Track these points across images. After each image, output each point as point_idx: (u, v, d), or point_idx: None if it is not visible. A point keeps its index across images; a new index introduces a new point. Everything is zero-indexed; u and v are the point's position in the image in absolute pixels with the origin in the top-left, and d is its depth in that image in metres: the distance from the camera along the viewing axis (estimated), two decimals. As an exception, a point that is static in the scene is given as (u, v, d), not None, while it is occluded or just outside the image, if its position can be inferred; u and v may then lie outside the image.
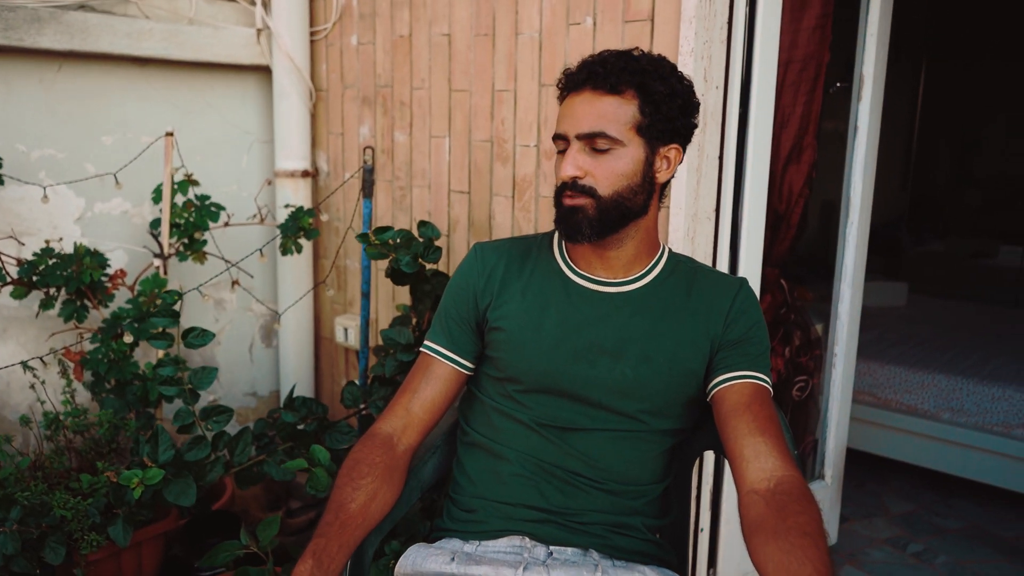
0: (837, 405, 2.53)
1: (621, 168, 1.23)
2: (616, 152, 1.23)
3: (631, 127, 1.22)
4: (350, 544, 1.20)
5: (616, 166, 1.23)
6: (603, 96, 1.22)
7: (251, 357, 2.86)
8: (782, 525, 1.05)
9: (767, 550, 1.03)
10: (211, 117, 2.64)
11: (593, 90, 1.23)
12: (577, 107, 1.24)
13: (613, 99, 1.22)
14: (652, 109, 1.22)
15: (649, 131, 1.23)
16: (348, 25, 2.59)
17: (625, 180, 1.24)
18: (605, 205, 1.24)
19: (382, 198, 2.57)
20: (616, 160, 1.23)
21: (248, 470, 1.87)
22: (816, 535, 1.04)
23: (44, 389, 2.19)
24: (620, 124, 1.22)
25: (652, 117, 1.23)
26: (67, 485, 1.83)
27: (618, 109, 1.22)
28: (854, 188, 2.40)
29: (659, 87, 1.22)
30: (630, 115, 1.22)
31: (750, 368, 1.28)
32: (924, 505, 3.03)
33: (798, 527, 1.04)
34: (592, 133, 1.22)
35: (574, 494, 1.30)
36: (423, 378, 1.38)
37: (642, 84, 1.22)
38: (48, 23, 2.21)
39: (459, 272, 1.42)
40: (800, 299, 2.54)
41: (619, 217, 1.26)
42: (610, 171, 1.23)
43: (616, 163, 1.23)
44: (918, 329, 3.80)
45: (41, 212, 2.32)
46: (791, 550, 1.01)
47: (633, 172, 1.24)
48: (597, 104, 1.22)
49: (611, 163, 1.23)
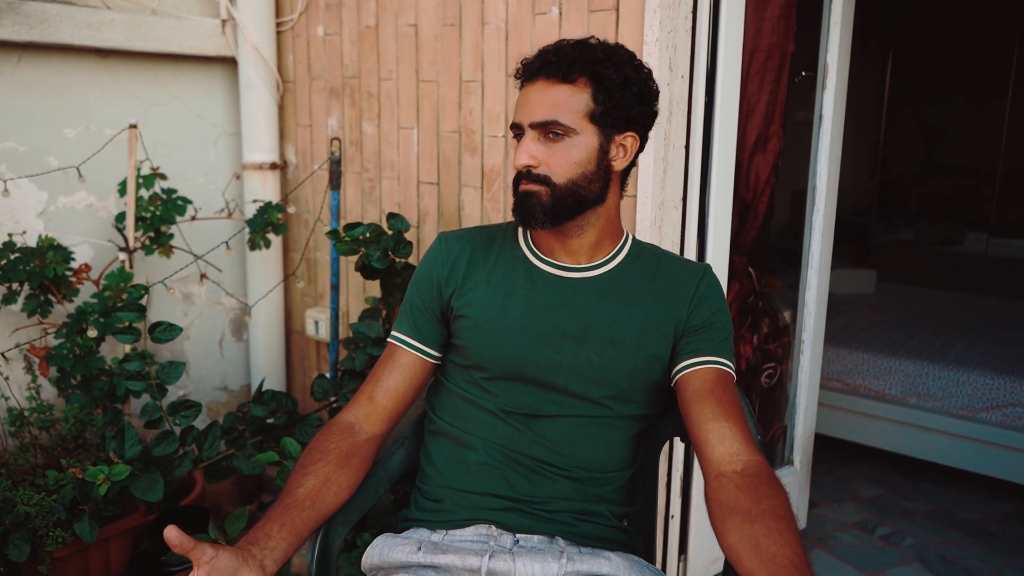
0: (805, 391, 2.56)
1: (575, 156, 1.24)
2: (569, 140, 1.23)
3: (584, 115, 1.23)
4: (296, 526, 1.17)
5: (570, 154, 1.24)
6: (556, 85, 1.23)
7: (221, 351, 2.84)
8: (756, 508, 1.06)
9: (742, 532, 1.04)
10: (177, 109, 2.61)
11: (547, 79, 1.24)
12: (532, 96, 1.25)
13: (566, 88, 1.22)
14: (605, 97, 1.23)
15: (603, 119, 1.24)
16: (315, 15, 2.57)
17: (579, 168, 1.25)
18: (559, 192, 1.25)
19: (351, 190, 2.56)
20: (569, 148, 1.24)
21: (217, 464, 1.87)
22: (789, 519, 1.06)
23: (8, 385, 2.16)
24: (573, 112, 1.22)
25: (605, 105, 1.23)
26: (32, 482, 1.81)
27: (571, 97, 1.22)
28: (820, 176, 2.43)
29: (612, 75, 1.23)
30: (583, 103, 1.23)
31: (713, 353, 1.29)
32: (893, 489, 3.08)
33: (772, 510, 1.06)
34: (545, 121, 1.23)
35: (540, 482, 1.31)
36: (387, 367, 1.38)
37: (595, 72, 1.22)
38: (6, 14, 2.17)
39: (424, 262, 1.42)
40: (768, 287, 2.56)
41: (574, 204, 1.26)
42: (563, 159, 1.24)
43: (570, 151, 1.24)
44: (886, 316, 3.85)
45: (2, 206, 2.29)
46: (768, 533, 1.02)
47: (587, 160, 1.25)
48: (550, 93, 1.23)
49: (565, 151, 1.24)
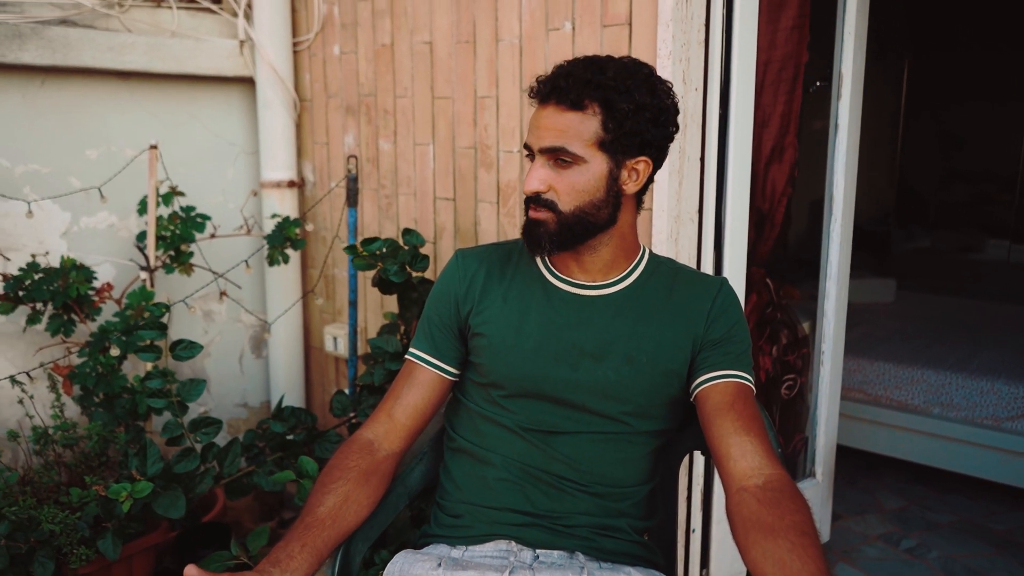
0: (826, 402, 2.54)
1: (582, 184, 1.23)
2: (578, 168, 1.22)
3: (593, 143, 1.21)
4: (317, 545, 1.18)
5: (577, 181, 1.23)
6: (565, 112, 1.21)
7: (241, 368, 2.86)
8: (780, 523, 1.05)
9: (765, 547, 1.03)
10: (195, 129, 2.65)
11: (557, 104, 1.22)
12: (542, 120, 1.23)
13: (575, 115, 1.21)
14: (615, 125, 1.21)
15: (613, 146, 1.22)
16: (330, 35, 2.60)
17: (587, 196, 1.24)
18: (566, 220, 1.24)
19: (368, 207, 2.58)
20: (578, 175, 1.23)
21: (238, 481, 1.88)
22: (813, 534, 1.05)
23: (33, 404, 2.19)
24: (582, 140, 1.21)
25: (615, 132, 1.21)
26: (56, 499, 1.83)
27: (580, 125, 1.21)
28: (836, 186, 2.42)
29: (623, 103, 1.20)
30: (592, 131, 1.21)
31: (732, 367, 1.29)
32: (916, 500, 3.04)
33: (796, 526, 1.05)
34: (553, 148, 1.22)
35: (559, 497, 1.31)
36: (406, 384, 1.38)
37: (605, 99, 1.20)
38: (30, 39, 2.21)
39: (441, 279, 1.42)
40: (787, 297, 2.55)
41: (582, 231, 1.26)
42: (571, 186, 1.23)
43: (577, 178, 1.23)
44: (906, 325, 3.82)
45: (26, 227, 2.32)
46: (792, 548, 1.01)
47: (595, 188, 1.24)
48: (559, 119, 1.21)
49: (572, 178, 1.23)
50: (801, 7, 2.14)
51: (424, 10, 2.29)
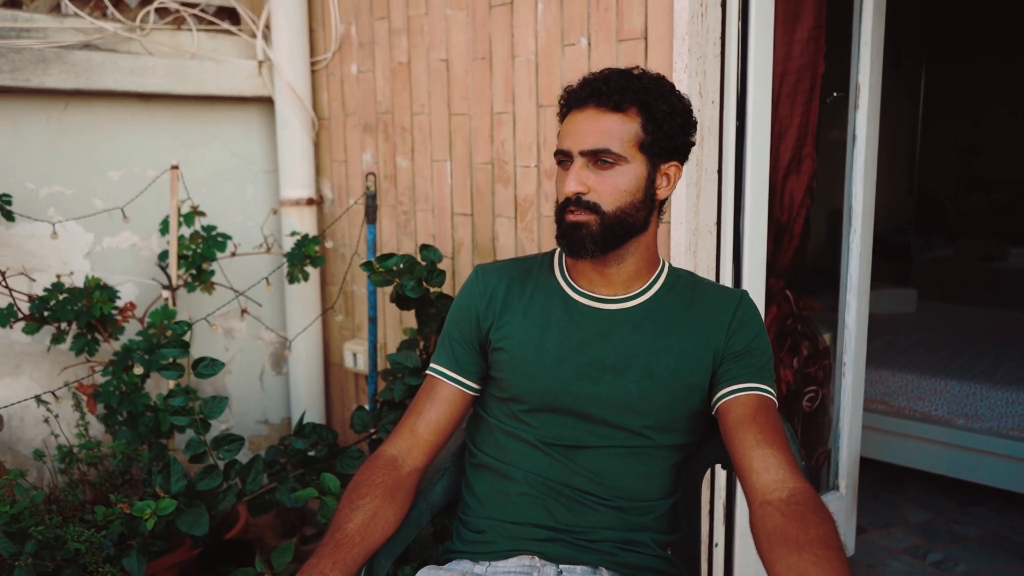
0: (848, 415, 2.52)
1: (624, 184, 1.25)
2: (620, 168, 1.24)
3: (634, 144, 1.24)
4: (347, 563, 1.19)
5: (619, 182, 1.24)
6: (607, 113, 1.24)
7: (262, 385, 2.88)
8: (804, 537, 1.05)
9: (790, 562, 1.03)
10: (216, 149, 2.68)
11: (597, 107, 1.24)
12: (581, 124, 1.25)
13: (617, 116, 1.24)
14: (654, 127, 1.24)
15: (651, 148, 1.25)
16: (348, 54, 2.63)
17: (628, 196, 1.25)
18: (609, 221, 1.25)
19: (386, 223, 2.59)
20: (619, 176, 1.24)
21: (260, 498, 1.88)
22: (838, 547, 1.04)
23: (58, 423, 2.22)
24: (624, 141, 1.23)
25: (654, 135, 1.24)
26: (82, 518, 1.84)
27: (622, 126, 1.23)
28: (855, 196, 2.41)
29: (661, 105, 1.24)
30: (633, 132, 1.24)
31: (754, 380, 1.28)
32: (942, 513, 3.00)
33: (821, 539, 1.04)
34: (596, 149, 1.23)
35: (582, 512, 1.31)
36: (428, 400, 1.39)
37: (645, 102, 1.23)
38: (54, 63, 2.25)
39: (461, 294, 1.43)
40: (807, 309, 2.53)
41: (622, 233, 1.27)
42: (613, 187, 1.24)
43: (619, 179, 1.24)
44: (929, 335, 3.78)
45: (51, 248, 2.35)
46: (817, 562, 1.01)
47: (636, 188, 1.26)
48: (601, 121, 1.24)
49: (614, 179, 1.24)
50: (817, 18, 2.14)
51: (440, 28, 2.31)
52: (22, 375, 2.34)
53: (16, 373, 2.33)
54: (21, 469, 1.99)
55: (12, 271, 2.25)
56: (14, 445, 2.34)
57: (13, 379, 2.32)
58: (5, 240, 2.27)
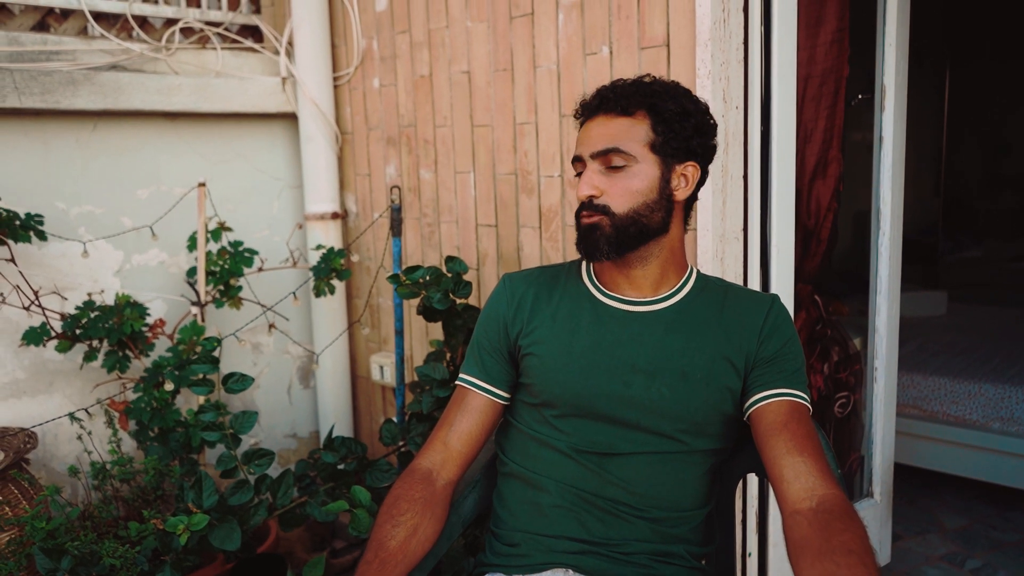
0: (881, 420, 2.48)
1: (635, 185, 1.25)
2: (630, 169, 1.25)
3: (645, 144, 1.25)
4: None
5: (630, 184, 1.25)
6: (615, 118, 1.26)
7: (290, 399, 2.89)
8: (826, 545, 1.04)
9: (812, 571, 1.02)
10: (241, 165, 2.70)
11: (606, 114, 1.27)
12: (592, 130, 1.28)
13: (625, 120, 1.25)
14: (664, 128, 1.25)
15: (663, 148, 1.26)
16: (370, 68, 2.64)
17: (640, 197, 1.25)
18: (621, 222, 1.25)
19: (411, 235, 2.60)
20: (630, 178, 1.25)
21: (291, 512, 1.89)
22: (862, 552, 1.02)
23: (91, 439, 2.24)
24: (633, 141, 1.25)
25: (665, 135, 1.25)
26: (115, 533, 1.86)
27: (630, 129, 1.25)
28: (883, 199, 2.38)
29: (670, 106, 1.25)
30: (643, 134, 1.25)
31: (786, 385, 1.27)
32: (979, 519, 2.95)
33: (843, 545, 1.03)
34: (606, 150, 1.25)
35: (615, 524, 1.29)
36: (459, 411, 1.38)
37: (652, 104, 1.25)
38: (83, 85, 2.29)
39: (489, 303, 1.43)
40: (836, 313, 2.51)
41: (636, 234, 1.27)
42: (624, 188, 1.25)
43: (630, 180, 1.25)
44: (960, 338, 3.72)
45: (82, 267, 2.39)
46: (836, 570, 1.00)
47: (648, 189, 1.26)
48: (610, 126, 1.26)
49: (625, 181, 1.25)
50: (840, 21, 2.13)
51: (462, 40, 2.32)
52: (55, 392, 2.37)
53: (49, 391, 2.36)
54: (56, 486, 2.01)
55: (44, 290, 2.29)
56: (48, 462, 2.36)
57: (47, 397, 2.35)
58: (37, 260, 2.31)
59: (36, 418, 2.31)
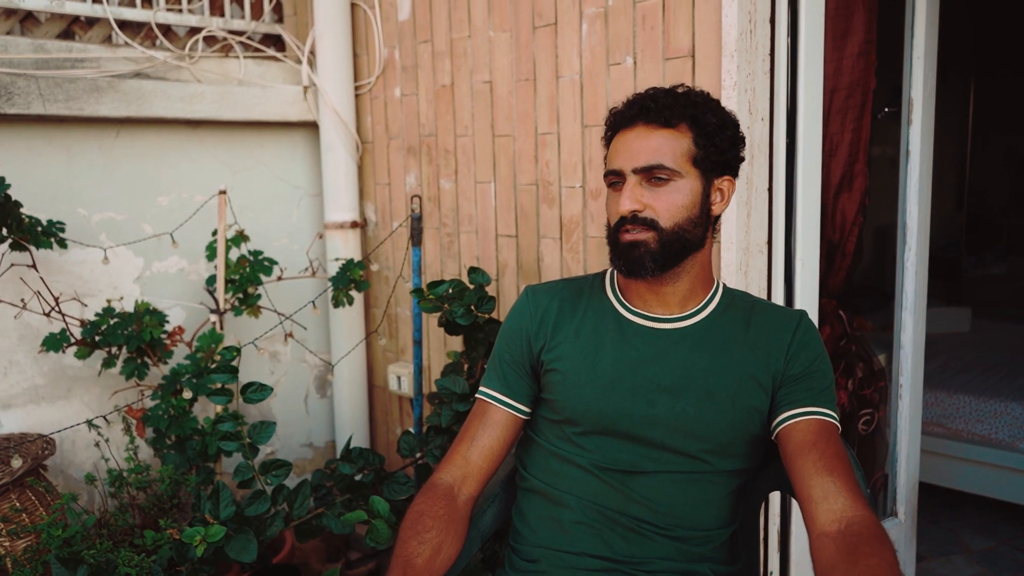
0: (906, 438, 2.44)
1: (681, 200, 1.23)
2: (675, 184, 1.22)
3: (687, 159, 1.23)
4: None
5: (675, 198, 1.23)
6: (657, 130, 1.23)
7: (306, 408, 2.88)
8: (852, 570, 1.01)
9: None
10: (262, 173, 2.71)
11: (646, 124, 1.23)
12: (632, 142, 1.24)
13: (667, 132, 1.22)
14: (706, 141, 1.23)
15: (704, 163, 1.23)
16: (391, 78, 2.64)
17: (685, 212, 1.23)
18: (667, 238, 1.23)
19: (430, 245, 2.59)
20: (675, 192, 1.23)
21: (307, 523, 1.87)
22: None
23: (108, 447, 2.24)
24: (677, 156, 1.22)
25: (706, 149, 1.23)
26: (131, 542, 1.85)
27: (673, 142, 1.22)
28: (910, 214, 2.34)
29: (711, 119, 1.23)
30: (685, 147, 1.22)
31: (814, 403, 1.24)
32: (1005, 540, 2.89)
33: (869, 570, 1.00)
34: (650, 166, 1.22)
35: (639, 542, 1.27)
36: (480, 425, 1.36)
37: (694, 117, 1.22)
38: (106, 92, 2.29)
39: (511, 316, 1.41)
40: (860, 329, 2.47)
41: (680, 249, 1.25)
42: (670, 203, 1.23)
43: (675, 195, 1.23)
44: (985, 355, 3.66)
45: (102, 273, 2.39)
46: None
47: (692, 203, 1.24)
48: (652, 137, 1.22)
49: (670, 195, 1.22)
50: (867, 33, 2.10)
51: (484, 50, 2.31)
52: (74, 399, 2.37)
53: (68, 397, 2.36)
54: (73, 493, 2.01)
55: (65, 296, 2.29)
56: (65, 468, 2.36)
57: (65, 403, 2.36)
58: (58, 266, 2.31)
59: (54, 424, 2.31)
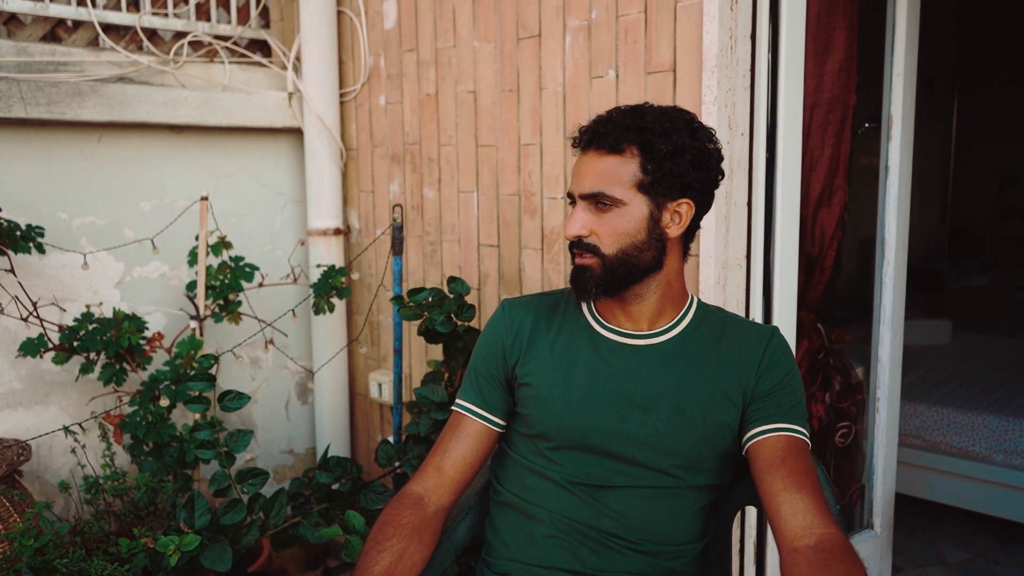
0: (883, 451, 2.46)
1: (623, 226, 1.23)
2: (618, 211, 1.23)
3: (632, 185, 1.22)
4: None
5: (618, 224, 1.23)
6: (604, 156, 1.23)
7: (287, 415, 2.88)
8: None
9: None
10: (245, 179, 2.70)
11: (596, 150, 1.25)
12: (582, 167, 1.26)
13: (614, 158, 1.23)
14: (655, 166, 1.22)
15: (652, 188, 1.23)
16: (376, 86, 2.64)
17: (628, 238, 1.24)
18: (610, 263, 1.24)
19: (413, 254, 2.59)
20: (618, 219, 1.23)
21: (284, 532, 1.87)
22: None
23: (85, 453, 2.22)
24: (621, 183, 1.22)
25: (655, 174, 1.22)
26: (106, 550, 1.84)
27: (619, 168, 1.22)
28: (888, 228, 2.37)
29: (662, 144, 1.21)
30: (631, 173, 1.22)
31: (784, 420, 1.25)
32: (981, 553, 2.91)
33: None
34: (592, 193, 1.23)
35: (609, 556, 1.27)
36: (454, 436, 1.37)
37: (644, 141, 1.21)
38: (89, 96, 2.29)
39: (487, 329, 1.42)
40: (839, 342, 2.48)
41: (626, 274, 1.25)
42: (612, 229, 1.24)
43: (618, 221, 1.23)
44: (964, 367, 3.69)
45: (82, 278, 2.38)
46: None
47: (636, 230, 1.24)
48: (599, 164, 1.24)
49: (613, 221, 1.24)
50: (848, 49, 2.12)
51: (468, 60, 2.32)
52: (51, 404, 2.35)
53: (46, 402, 2.35)
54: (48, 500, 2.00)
55: (44, 301, 2.28)
56: (42, 474, 2.35)
57: (43, 408, 2.34)
58: (38, 270, 2.30)
59: (32, 429, 2.30)
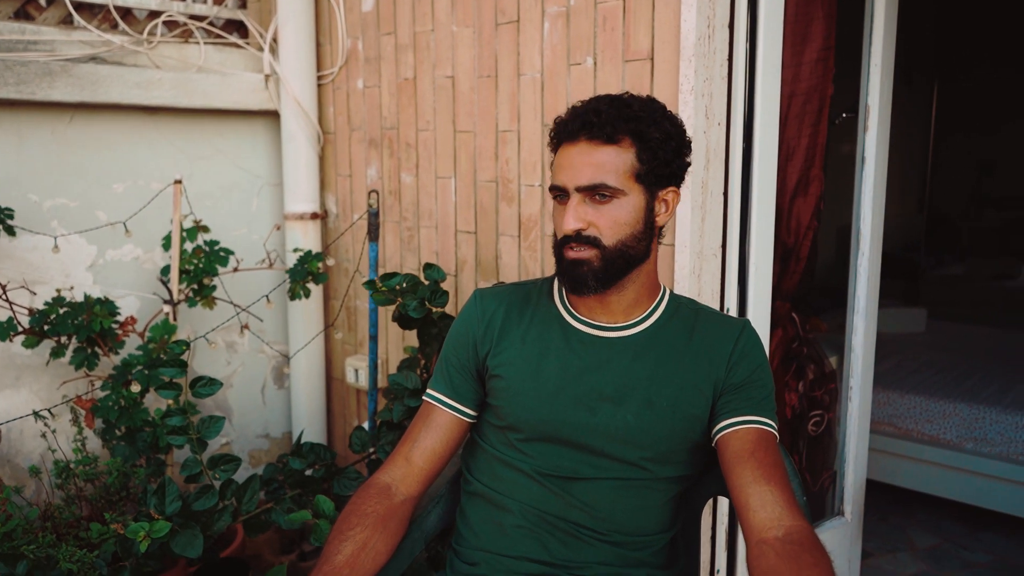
0: (855, 439, 2.48)
1: (624, 217, 1.22)
2: (618, 201, 1.22)
3: (630, 175, 1.22)
4: None
5: (619, 215, 1.22)
6: (600, 146, 1.21)
7: (263, 399, 2.86)
8: None
9: None
10: (221, 162, 2.67)
11: (589, 140, 1.22)
12: (575, 158, 1.23)
13: (611, 148, 1.21)
14: (649, 156, 1.22)
15: (647, 177, 1.23)
16: (354, 69, 2.62)
17: (628, 228, 1.23)
18: (610, 255, 1.23)
19: (390, 239, 2.58)
20: (618, 209, 1.22)
21: (256, 518, 1.87)
22: None
23: (55, 438, 2.20)
24: (619, 173, 1.21)
25: (650, 163, 1.22)
26: (77, 535, 1.83)
27: (616, 158, 1.21)
28: (864, 219, 2.38)
29: (654, 133, 1.22)
30: (628, 163, 1.21)
31: (754, 412, 1.26)
32: (950, 538, 2.96)
33: None
34: (593, 185, 1.21)
35: (577, 546, 1.28)
36: (424, 426, 1.37)
37: (637, 131, 1.21)
38: (59, 76, 2.25)
39: (459, 319, 1.41)
40: (813, 330, 2.50)
41: (624, 265, 1.25)
42: (613, 220, 1.22)
43: (618, 212, 1.22)
44: (938, 356, 3.74)
45: (53, 261, 2.35)
46: None
47: (636, 220, 1.24)
48: (595, 155, 1.21)
49: (613, 212, 1.22)
50: (826, 39, 2.12)
51: (447, 45, 2.30)
52: (22, 388, 2.33)
53: (16, 386, 2.32)
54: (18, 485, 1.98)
55: (14, 284, 2.25)
56: (13, 458, 2.33)
57: (13, 391, 2.32)
58: (8, 252, 2.27)
59: (2, 413, 2.27)
